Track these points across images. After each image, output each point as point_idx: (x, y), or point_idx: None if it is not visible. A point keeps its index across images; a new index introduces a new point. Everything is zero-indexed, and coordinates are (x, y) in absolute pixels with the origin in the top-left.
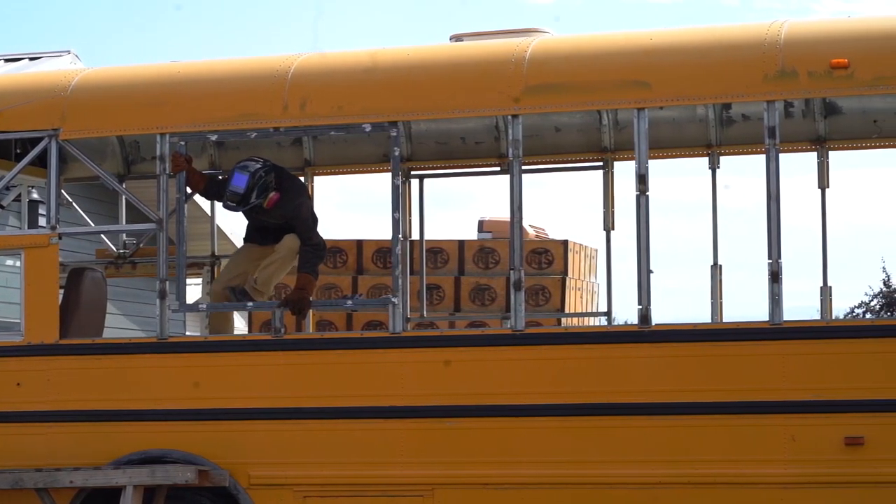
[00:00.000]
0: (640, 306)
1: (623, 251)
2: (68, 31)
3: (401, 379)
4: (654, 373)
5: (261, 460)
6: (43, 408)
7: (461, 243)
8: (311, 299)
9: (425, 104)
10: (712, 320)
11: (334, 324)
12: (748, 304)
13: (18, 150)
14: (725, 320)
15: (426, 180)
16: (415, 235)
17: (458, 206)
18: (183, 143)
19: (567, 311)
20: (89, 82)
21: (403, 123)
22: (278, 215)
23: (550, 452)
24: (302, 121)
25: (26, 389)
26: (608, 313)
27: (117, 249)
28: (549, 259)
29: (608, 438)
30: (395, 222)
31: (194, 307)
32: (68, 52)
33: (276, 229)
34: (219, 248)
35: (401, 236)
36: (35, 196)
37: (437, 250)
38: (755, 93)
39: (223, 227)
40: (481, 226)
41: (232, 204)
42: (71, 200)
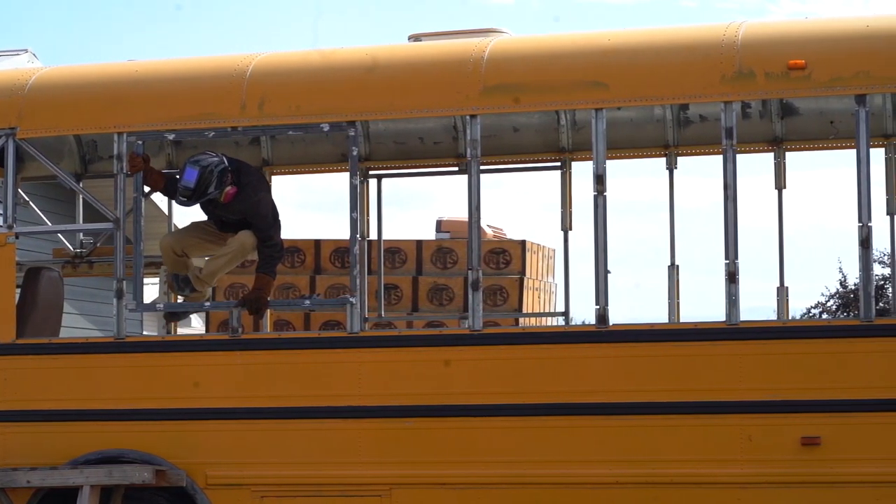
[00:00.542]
0: (598, 306)
1: (581, 251)
2: (25, 29)
3: (359, 379)
4: (611, 373)
5: (218, 460)
6: None
7: (419, 243)
8: (268, 299)
9: (383, 104)
10: (669, 320)
11: (292, 323)
12: (705, 304)
13: None
14: (683, 320)
15: (384, 180)
16: (373, 235)
17: (416, 206)
18: (140, 143)
19: (525, 311)
20: (47, 81)
21: (362, 123)
22: (236, 210)
23: (508, 452)
24: (260, 120)
25: None
26: (566, 313)
27: (74, 249)
28: (507, 259)
29: (566, 438)
30: (353, 222)
31: (151, 307)
32: (26, 50)
33: (235, 225)
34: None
35: (359, 236)
36: None
37: (395, 250)
38: (712, 94)
39: (181, 226)
40: (439, 226)
41: (183, 199)
42: (28, 200)
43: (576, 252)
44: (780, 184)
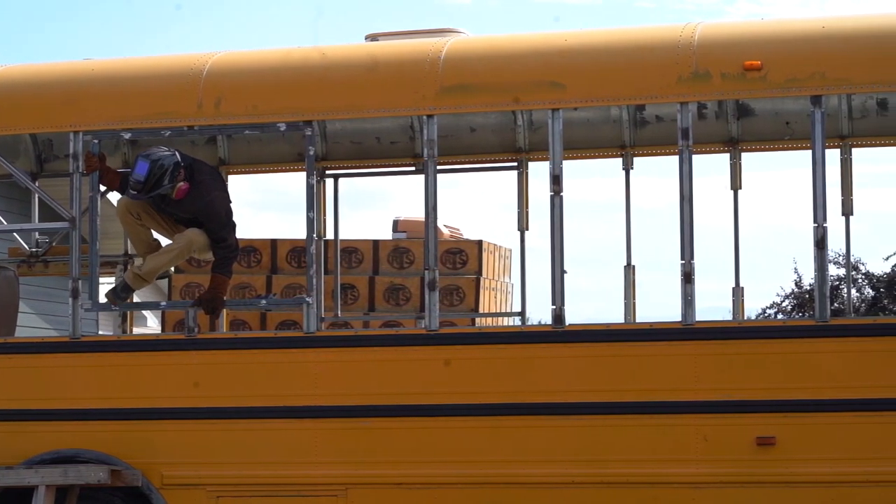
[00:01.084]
0: (554, 306)
1: (537, 251)
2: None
3: (315, 379)
4: (567, 373)
5: (174, 460)
6: None
7: (376, 243)
8: (224, 299)
9: (340, 103)
10: (625, 320)
11: (248, 323)
12: (661, 304)
13: None
14: (638, 320)
15: (341, 179)
16: (329, 235)
17: (372, 206)
18: (97, 142)
19: (481, 311)
20: (2, 80)
21: (318, 123)
22: (188, 209)
23: (464, 452)
24: (216, 119)
25: None
26: (522, 313)
27: (30, 248)
28: (464, 259)
29: (522, 438)
30: (310, 221)
31: (107, 306)
32: None
33: (187, 223)
34: (132, 247)
35: (315, 236)
36: None
37: (351, 250)
38: (669, 94)
39: None
40: (396, 225)
41: (133, 192)
42: None
43: (532, 252)
44: (735, 184)
